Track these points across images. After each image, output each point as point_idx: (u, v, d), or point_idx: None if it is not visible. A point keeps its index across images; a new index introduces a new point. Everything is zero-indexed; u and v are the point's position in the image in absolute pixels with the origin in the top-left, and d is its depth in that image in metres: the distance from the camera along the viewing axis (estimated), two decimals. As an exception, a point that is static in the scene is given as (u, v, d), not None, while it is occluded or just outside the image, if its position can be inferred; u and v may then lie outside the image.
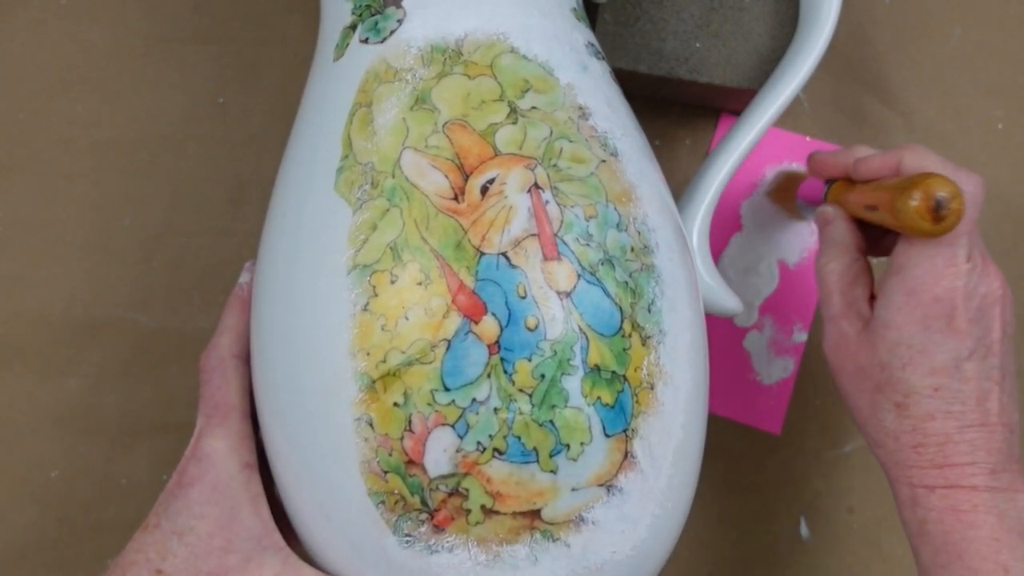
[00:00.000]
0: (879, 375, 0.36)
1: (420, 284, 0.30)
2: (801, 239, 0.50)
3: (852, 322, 0.37)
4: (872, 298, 0.38)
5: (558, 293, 0.30)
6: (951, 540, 0.34)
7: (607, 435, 0.30)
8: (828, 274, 0.38)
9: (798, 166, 0.50)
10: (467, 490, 0.29)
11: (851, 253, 0.38)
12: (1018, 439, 0.35)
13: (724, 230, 0.50)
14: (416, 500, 0.30)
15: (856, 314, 0.37)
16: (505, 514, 0.30)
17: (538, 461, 0.29)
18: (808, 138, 0.50)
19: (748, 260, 0.50)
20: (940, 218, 0.33)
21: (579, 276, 0.30)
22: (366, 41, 0.34)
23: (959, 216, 0.33)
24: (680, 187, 0.41)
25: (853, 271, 0.38)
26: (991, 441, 0.34)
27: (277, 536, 0.33)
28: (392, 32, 0.33)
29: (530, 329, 0.29)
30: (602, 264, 0.31)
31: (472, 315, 0.29)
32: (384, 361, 0.30)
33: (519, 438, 0.29)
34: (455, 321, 0.29)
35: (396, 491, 0.30)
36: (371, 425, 0.30)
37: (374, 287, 0.30)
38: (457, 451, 0.29)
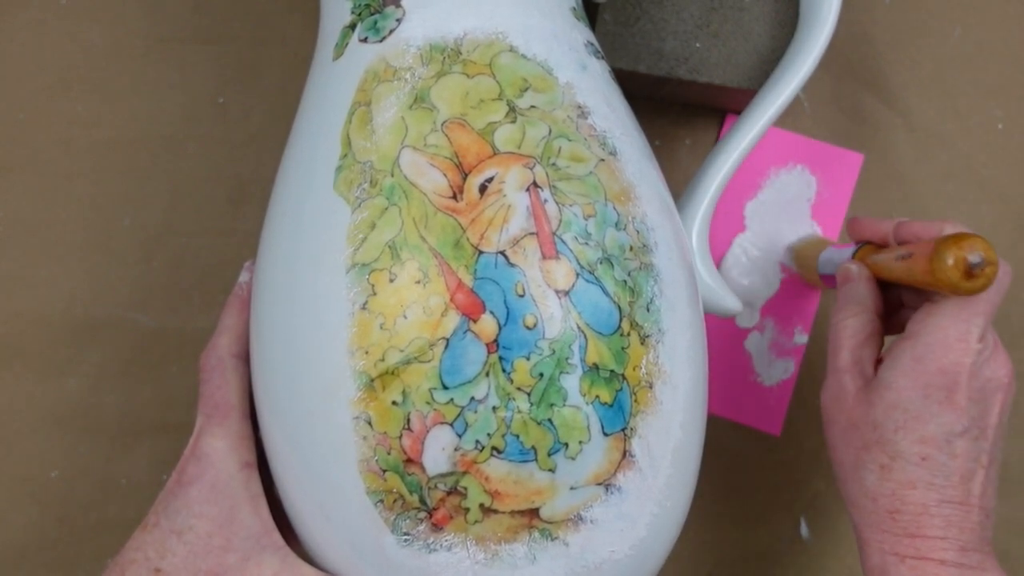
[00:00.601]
0: (869, 434, 0.36)
1: (419, 283, 0.30)
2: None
3: (854, 378, 0.38)
4: (879, 362, 0.38)
5: (556, 292, 0.30)
6: None
7: (605, 434, 0.30)
8: (843, 329, 0.39)
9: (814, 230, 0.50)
10: (465, 489, 0.29)
11: (868, 313, 0.39)
12: (992, 525, 0.35)
13: (728, 231, 0.50)
14: (415, 499, 0.30)
15: (860, 371, 0.38)
16: (503, 513, 0.30)
17: (536, 460, 0.29)
18: (808, 138, 0.50)
19: (751, 261, 0.50)
20: (973, 276, 0.33)
21: (578, 275, 0.30)
22: (365, 40, 0.34)
23: (989, 281, 0.33)
24: (680, 187, 0.41)
25: (867, 331, 0.38)
26: (966, 520, 0.34)
27: (276, 535, 0.33)
28: (391, 31, 0.33)
29: (528, 328, 0.29)
30: (601, 263, 0.31)
31: (470, 314, 0.29)
32: (383, 360, 0.29)
33: (517, 437, 0.29)
34: (453, 320, 0.29)
35: (395, 490, 0.30)
36: (370, 424, 0.30)
37: (373, 286, 0.30)
38: (456, 450, 0.29)
